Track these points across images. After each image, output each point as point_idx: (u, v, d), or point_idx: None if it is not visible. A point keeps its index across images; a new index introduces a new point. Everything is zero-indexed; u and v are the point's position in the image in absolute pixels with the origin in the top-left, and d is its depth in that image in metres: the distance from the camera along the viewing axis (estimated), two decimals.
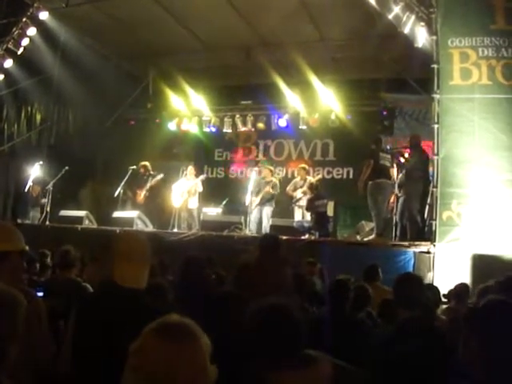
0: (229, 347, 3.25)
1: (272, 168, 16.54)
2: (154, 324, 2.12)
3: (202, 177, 16.35)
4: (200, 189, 16.02)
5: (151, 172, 16.15)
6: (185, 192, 15.82)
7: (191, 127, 19.61)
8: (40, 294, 5.29)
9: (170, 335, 2.06)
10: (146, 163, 16.39)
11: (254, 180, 15.49)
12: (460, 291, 6.91)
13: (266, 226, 14.75)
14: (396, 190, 13.06)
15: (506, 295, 3.13)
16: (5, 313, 2.35)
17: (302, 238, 13.03)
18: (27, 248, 3.62)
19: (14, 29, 14.87)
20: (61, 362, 3.51)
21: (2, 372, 2.32)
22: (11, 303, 2.38)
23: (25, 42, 15.03)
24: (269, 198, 15.31)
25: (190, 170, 16.45)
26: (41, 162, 16.20)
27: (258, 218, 15.14)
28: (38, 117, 18.07)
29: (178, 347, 2.03)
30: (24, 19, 14.80)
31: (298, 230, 13.65)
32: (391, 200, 13.48)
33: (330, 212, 15.87)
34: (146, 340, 2.07)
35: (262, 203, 15.20)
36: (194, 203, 15.98)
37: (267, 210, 15.18)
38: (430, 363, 4.03)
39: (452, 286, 7.39)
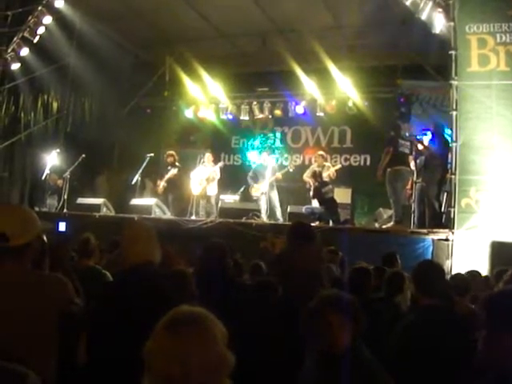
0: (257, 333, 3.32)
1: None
2: (165, 319, 2.13)
3: (221, 164, 16.42)
4: (218, 175, 15.99)
5: (176, 163, 16.10)
6: (203, 179, 15.80)
7: (208, 114, 19.56)
8: None
9: (181, 330, 2.07)
10: (173, 153, 16.37)
11: (272, 167, 15.53)
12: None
13: (279, 211, 15.05)
14: (414, 177, 13.02)
15: None
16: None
17: (319, 225, 12.99)
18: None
19: (30, 17, 14.90)
20: (80, 353, 3.54)
21: None
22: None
23: (40, 30, 15.06)
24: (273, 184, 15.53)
25: (208, 157, 16.42)
26: (57, 150, 16.28)
27: (269, 204, 15.24)
28: (55, 105, 18.03)
29: (189, 342, 2.04)
30: (39, 7, 14.82)
31: (307, 216, 13.63)
32: (408, 187, 13.45)
33: (348, 199, 15.91)
34: (158, 339, 2.08)
35: (270, 189, 15.35)
36: (212, 190, 15.96)
37: (274, 195, 15.42)
38: (450, 351, 4.01)
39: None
